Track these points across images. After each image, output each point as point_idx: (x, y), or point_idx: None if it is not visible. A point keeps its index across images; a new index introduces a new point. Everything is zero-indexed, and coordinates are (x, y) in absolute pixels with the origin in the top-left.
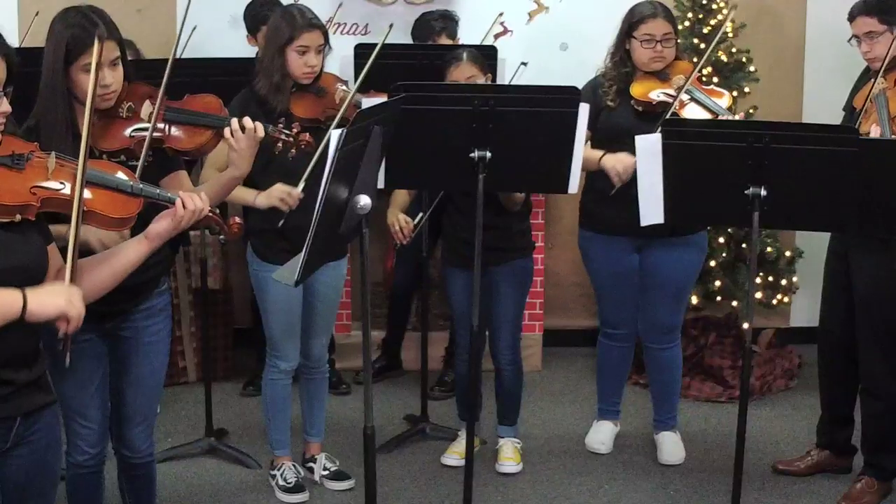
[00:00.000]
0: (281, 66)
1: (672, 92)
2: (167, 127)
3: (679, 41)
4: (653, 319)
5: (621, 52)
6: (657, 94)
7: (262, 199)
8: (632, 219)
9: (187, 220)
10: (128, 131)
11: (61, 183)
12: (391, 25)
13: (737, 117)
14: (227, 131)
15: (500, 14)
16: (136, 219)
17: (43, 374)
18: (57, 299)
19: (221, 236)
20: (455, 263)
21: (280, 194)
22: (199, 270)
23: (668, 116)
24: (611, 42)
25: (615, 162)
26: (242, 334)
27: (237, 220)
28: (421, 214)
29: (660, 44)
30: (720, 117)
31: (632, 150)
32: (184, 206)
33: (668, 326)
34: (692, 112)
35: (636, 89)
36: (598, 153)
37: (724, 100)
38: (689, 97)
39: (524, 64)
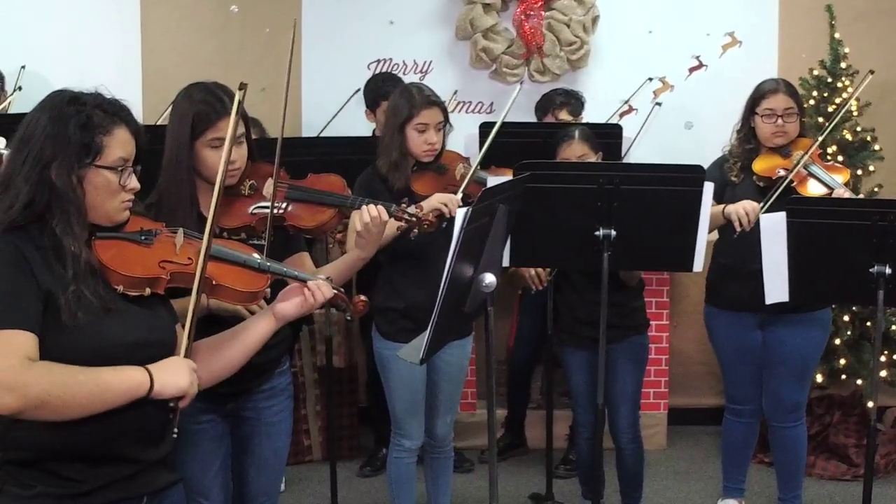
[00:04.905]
0: (400, 145)
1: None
2: (289, 205)
3: (804, 119)
4: (777, 397)
5: (746, 129)
6: (779, 170)
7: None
8: (755, 295)
9: (315, 308)
10: (250, 209)
11: (189, 259)
12: (520, 86)
13: (850, 194)
14: (357, 222)
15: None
16: (265, 293)
17: (170, 452)
18: (180, 380)
19: (347, 314)
20: (571, 343)
21: (443, 199)
22: (323, 349)
23: (781, 190)
24: (736, 120)
25: (737, 206)
26: (363, 413)
27: (362, 297)
28: None
29: (781, 118)
30: (835, 191)
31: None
32: (313, 297)
33: (793, 405)
34: (811, 187)
35: (758, 165)
36: (720, 206)
37: (841, 176)
38: (806, 172)
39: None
